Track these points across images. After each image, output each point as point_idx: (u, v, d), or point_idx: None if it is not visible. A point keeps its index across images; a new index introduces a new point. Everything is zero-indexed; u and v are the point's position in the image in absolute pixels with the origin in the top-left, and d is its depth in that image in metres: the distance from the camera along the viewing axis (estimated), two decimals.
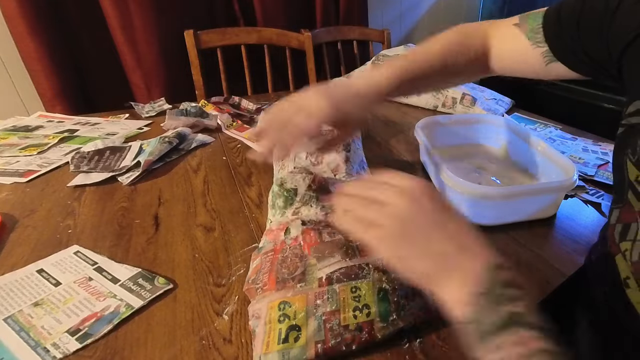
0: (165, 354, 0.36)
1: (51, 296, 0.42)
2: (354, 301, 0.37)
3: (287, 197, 0.52)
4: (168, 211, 0.59)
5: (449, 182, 0.53)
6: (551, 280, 0.44)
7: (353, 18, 1.51)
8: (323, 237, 0.43)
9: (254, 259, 0.45)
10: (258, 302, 0.38)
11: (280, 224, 0.48)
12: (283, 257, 0.42)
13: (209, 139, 0.86)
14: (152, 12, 1.12)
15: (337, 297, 0.37)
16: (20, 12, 0.96)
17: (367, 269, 0.39)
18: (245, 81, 1.28)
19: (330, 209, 0.51)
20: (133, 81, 1.19)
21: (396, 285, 0.38)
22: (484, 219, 0.54)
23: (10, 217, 0.57)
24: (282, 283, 0.39)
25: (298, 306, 0.36)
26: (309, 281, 0.38)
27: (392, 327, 0.36)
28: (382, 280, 0.38)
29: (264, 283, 0.39)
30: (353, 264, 0.39)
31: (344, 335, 0.35)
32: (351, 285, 0.38)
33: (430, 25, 1.86)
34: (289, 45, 1.31)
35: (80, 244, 0.51)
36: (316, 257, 0.40)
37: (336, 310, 0.36)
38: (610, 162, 0.71)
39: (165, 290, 0.43)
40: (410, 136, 0.88)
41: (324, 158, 0.63)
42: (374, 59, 1.19)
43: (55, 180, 0.68)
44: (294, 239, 0.44)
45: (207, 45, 1.20)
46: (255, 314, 0.37)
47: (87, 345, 0.37)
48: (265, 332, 0.35)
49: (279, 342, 0.34)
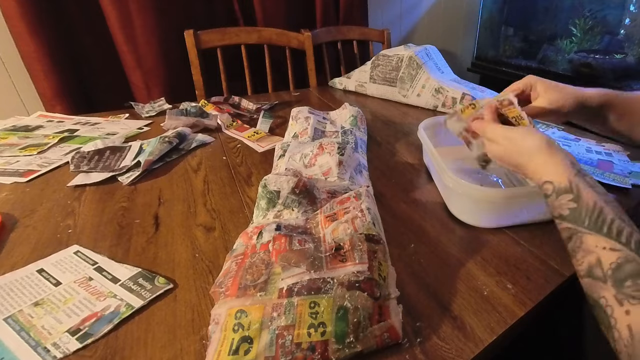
0: (165, 353, 0.36)
1: (51, 296, 0.42)
2: (310, 317, 0.34)
3: (270, 198, 0.52)
4: (168, 211, 0.59)
5: (451, 183, 0.53)
6: (551, 280, 0.44)
7: (353, 18, 1.51)
8: (293, 245, 0.41)
9: (226, 260, 0.44)
10: (220, 306, 0.37)
11: (258, 226, 0.46)
12: (250, 263, 0.40)
13: (209, 139, 0.86)
14: (152, 12, 1.12)
15: (295, 311, 0.35)
16: (20, 12, 0.96)
17: (331, 283, 0.37)
18: (245, 81, 1.28)
19: (312, 214, 0.51)
20: (133, 81, 1.19)
21: (359, 304, 0.35)
22: (486, 221, 0.54)
23: (10, 217, 0.57)
24: (243, 290, 0.37)
25: (254, 316, 0.35)
26: (269, 291, 0.37)
27: (348, 349, 0.33)
28: (345, 297, 0.35)
29: (227, 288, 0.38)
30: (317, 277, 0.38)
31: (294, 354, 0.32)
32: (311, 299, 0.35)
33: (430, 25, 1.86)
34: (289, 45, 1.31)
35: (81, 243, 0.51)
36: (282, 265, 0.39)
37: (291, 326, 0.34)
38: (613, 163, 0.71)
39: (166, 290, 0.43)
40: (411, 136, 0.88)
41: (317, 160, 0.63)
42: (374, 59, 1.19)
43: (55, 180, 0.68)
44: (264, 244, 0.42)
45: (207, 45, 1.20)
46: (215, 319, 0.36)
47: (87, 345, 0.37)
48: (219, 341, 0.34)
49: (229, 353, 0.32)
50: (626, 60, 1.43)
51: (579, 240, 0.34)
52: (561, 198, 0.37)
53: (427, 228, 0.54)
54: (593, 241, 0.33)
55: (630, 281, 0.29)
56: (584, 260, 0.33)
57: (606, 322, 0.30)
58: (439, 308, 0.41)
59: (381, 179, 0.69)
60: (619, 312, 0.29)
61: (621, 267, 0.30)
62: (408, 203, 0.61)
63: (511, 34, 1.86)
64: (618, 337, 0.29)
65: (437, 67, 1.14)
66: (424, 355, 0.35)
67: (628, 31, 1.45)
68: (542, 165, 0.40)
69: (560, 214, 0.37)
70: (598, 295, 0.31)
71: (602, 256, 0.32)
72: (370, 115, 1.03)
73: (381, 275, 0.39)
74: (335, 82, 1.31)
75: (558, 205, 0.37)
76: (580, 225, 0.34)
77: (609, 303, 0.30)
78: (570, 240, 0.35)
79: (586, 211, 0.34)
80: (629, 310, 0.28)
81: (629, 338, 0.28)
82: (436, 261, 0.48)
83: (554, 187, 0.38)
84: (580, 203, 0.35)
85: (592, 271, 0.32)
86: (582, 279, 0.34)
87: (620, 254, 0.31)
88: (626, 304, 0.29)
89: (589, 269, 0.33)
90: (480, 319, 0.39)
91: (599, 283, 0.31)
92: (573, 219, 0.35)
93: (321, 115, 0.86)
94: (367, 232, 0.42)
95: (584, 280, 0.33)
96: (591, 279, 0.32)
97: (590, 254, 0.33)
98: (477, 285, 0.44)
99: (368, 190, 0.52)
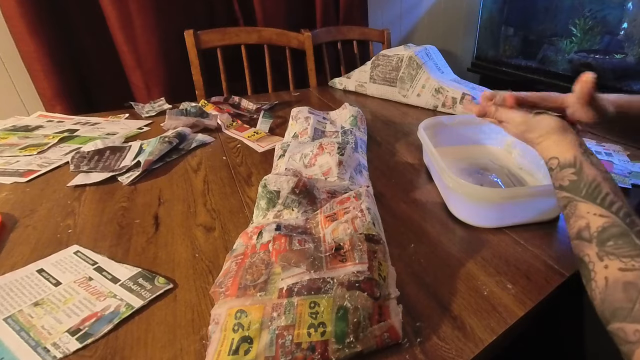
0: (165, 353, 0.36)
1: (51, 296, 0.42)
2: (310, 317, 0.34)
3: (270, 198, 0.52)
4: (168, 211, 0.59)
5: (451, 183, 0.53)
6: (551, 280, 0.44)
7: (353, 18, 1.51)
8: (293, 245, 0.41)
9: (226, 260, 0.44)
10: (220, 306, 0.37)
11: (257, 226, 0.46)
12: (250, 263, 0.40)
13: (209, 139, 0.86)
14: (152, 12, 1.12)
15: (295, 311, 0.35)
16: (20, 12, 0.96)
17: (331, 283, 0.37)
18: (245, 81, 1.28)
19: (312, 214, 0.50)
20: (133, 81, 1.19)
21: (359, 304, 0.35)
22: (486, 221, 0.54)
23: (10, 217, 0.57)
24: (243, 290, 0.37)
25: (254, 316, 0.35)
26: (269, 291, 0.37)
27: (348, 349, 0.33)
28: (345, 297, 0.35)
29: (227, 288, 0.38)
30: (317, 277, 0.38)
31: (294, 354, 0.32)
32: (311, 299, 0.35)
33: (430, 25, 1.86)
34: (289, 45, 1.31)
35: (80, 243, 0.51)
36: (282, 265, 0.39)
37: (291, 326, 0.34)
38: (613, 163, 0.71)
39: (166, 290, 0.43)
40: (411, 136, 0.88)
41: (317, 160, 0.63)
42: (374, 59, 1.19)
43: (55, 180, 0.68)
44: (264, 244, 0.42)
45: (207, 45, 1.20)
46: (215, 319, 0.36)
47: (87, 345, 0.37)
48: (219, 341, 0.34)
49: (229, 353, 0.32)
50: (626, 60, 1.43)
51: (574, 207, 0.38)
52: (564, 171, 0.40)
53: (427, 228, 0.54)
54: (585, 208, 0.37)
55: (612, 241, 0.33)
56: (576, 224, 0.37)
57: (587, 275, 0.34)
58: (439, 308, 0.41)
59: (381, 179, 0.69)
60: (599, 267, 0.33)
61: (606, 230, 0.34)
62: (408, 203, 0.61)
63: (511, 34, 1.86)
64: (595, 287, 0.33)
65: (437, 67, 1.14)
66: (424, 355, 0.35)
67: (628, 31, 1.45)
68: (553, 144, 0.43)
69: (560, 185, 0.40)
70: (583, 254, 0.35)
71: (591, 221, 0.36)
72: (370, 115, 1.03)
73: (381, 275, 0.39)
74: (335, 82, 1.31)
75: (560, 177, 0.40)
76: (577, 195, 0.38)
77: (591, 259, 0.34)
78: (566, 207, 0.39)
79: (584, 183, 0.38)
80: (607, 265, 0.33)
81: (604, 287, 0.32)
82: (436, 261, 0.48)
83: (559, 162, 0.41)
84: (581, 176, 0.38)
85: (581, 233, 0.36)
86: (572, 241, 0.37)
87: (608, 219, 0.34)
88: (605, 259, 0.33)
89: (578, 231, 0.36)
90: (480, 319, 0.39)
91: (585, 243, 0.35)
92: (571, 189, 0.39)
93: (321, 115, 0.86)
94: (367, 232, 0.42)
95: (574, 242, 0.37)
96: (580, 240, 0.36)
97: (581, 219, 0.36)
98: (477, 285, 0.44)
99: (368, 190, 0.52)
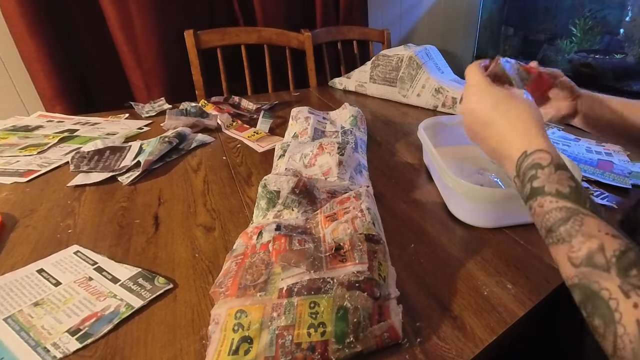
0: (165, 353, 0.36)
1: (51, 296, 0.42)
2: (310, 317, 0.34)
3: (270, 198, 0.52)
4: (168, 211, 0.59)
5: (451, 183, 0.53)
6: (551, 280, 0.44)
7: (353, 18, 1.51)
8: (293, 245, 0.41)
9: (226, 260, 0.44)
10: (219, 307, 0.37)
11: (257, 226, 0.47)
12: (250, 263, 0.40)
13: (209, 139, 0.86)
14: (152, 12, 1.12)
15: (295, 311, 0.35)
16: (20, 12, 0.96)
17: (331, 283, 0.37)
18: (245, 81, 1.28)
19: (312, 214, 0.50)
20: (133, 81, 1.19)
21: (359, 304, 0.35)
22: (486, 221, 0.54)
23: (10, 217, 0.57)
24: (243, 290, 0.37)
25: (254, 316, 0.35)
26: (269, 291, 0.37)
27: (348, 349, 0.33)
28: (345, 297, 0.35)
29: (227, 288, 0.38)
30: (317, 277, 0.38)
31: (294, 354, 0.32)
32: (311, 299, 0.35)
33: (430, 25, 1.86)
34: (289, 45, 1.31)
35: (80, 243, 0.51)
36: (282, 265, 0.39)
37: (291, 326, 0.34)
38: (613, 163, 0.71)
39: (165, 290, 0.43)
40: (411, 136, 0.88)
41: (317, 160, 0.63)
42: (374, 59, 1.19)
43: (55, 180, 0.68)
44: (264, 244, 0.42)
45: (207, 45, 1.20)
46: (215, 319, 0.36)
47: (87, 345, 0.37)
48: (219, 341, 0.34)
49: (229, 353, 0.32)
50: (626, 60, 1.43)
51: (579, 223, 0.30)
52: (561, 172, 0.34)
53: (427, 228, 0.54)
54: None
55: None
56: (583, 246, 0.30)
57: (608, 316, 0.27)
58: (439, 308, 0.41)
59: (381, 179, 0.69)
60: (625, 306, 0.26)
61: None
62: (408, 203, 0.61)
63: (511, 34, 1.86)
64: (623, 333, 0.26)
65: (437, 67, 1.14)
66: (424, 355, 0.35)
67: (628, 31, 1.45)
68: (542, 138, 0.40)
69: (558, 191, 0.33)
70: (599, 286, 0.28)
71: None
72: (370, 115, 1.03)
73: (381, 275, 0.39)
74: (335, 82, 1.31)
75: (554, 179, 0.34)
76: (583, 207, 0.31)
77: (613, 295, 0.27)
78: (567, 222, 0.31)
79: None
80: (638, 304, 0.25)
81: (636, 333, 0.25)
82: (436, 261, 0.48)
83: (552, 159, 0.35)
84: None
85: (593, 259, 0.29)
86: (576, 268, 0.30)
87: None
88: (634, 295, 0.26)
89: (588, 255, 0.29)
90: (480, 319, 0.39)
91: (598, 272, 0.28)
92: (575, 198, 0.32)
93: (321, 115, 0.86)
94: (367, 232, 0.42)
95: (580, 270, 0.29)
96: (590, 268, 0.29)
97: (591, 240, 0.29)
98: (477, 285, 0.44)
99: (368, 190, 0.52)
